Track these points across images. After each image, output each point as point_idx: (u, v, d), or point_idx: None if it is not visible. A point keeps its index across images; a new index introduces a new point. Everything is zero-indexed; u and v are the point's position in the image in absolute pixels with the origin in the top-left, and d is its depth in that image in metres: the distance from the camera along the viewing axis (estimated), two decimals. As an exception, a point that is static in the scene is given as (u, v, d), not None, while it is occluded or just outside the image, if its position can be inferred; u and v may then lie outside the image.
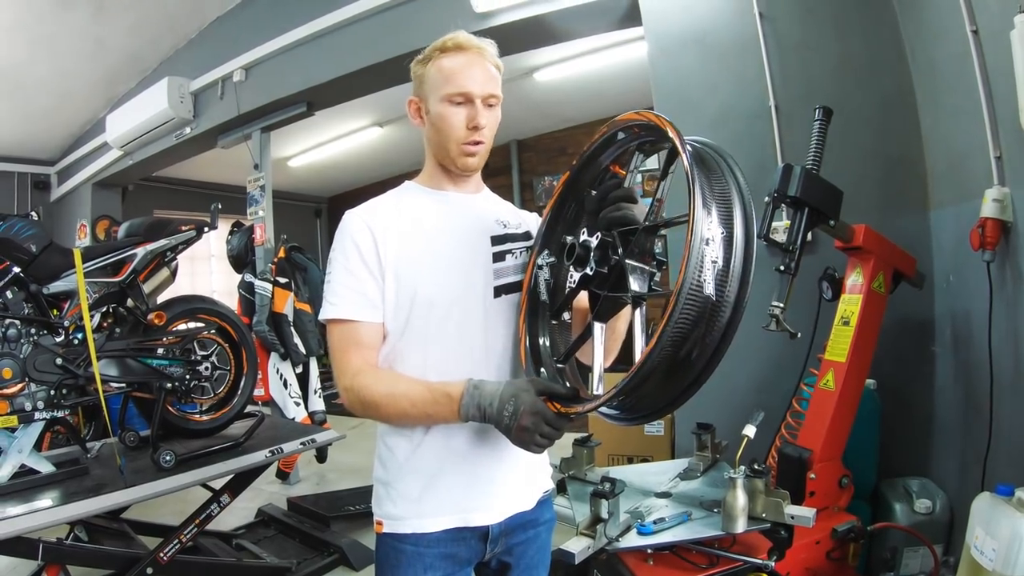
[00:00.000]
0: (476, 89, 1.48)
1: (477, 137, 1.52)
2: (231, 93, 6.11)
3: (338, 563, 3.90)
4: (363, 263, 1.45)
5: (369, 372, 1.43)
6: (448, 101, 1.48)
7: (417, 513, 1.47)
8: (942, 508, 2.77)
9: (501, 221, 1.62)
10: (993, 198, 2.38)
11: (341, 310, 1.44)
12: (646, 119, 1.33)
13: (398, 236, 1.47)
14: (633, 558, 2.13)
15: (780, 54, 3.37)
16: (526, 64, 6.61)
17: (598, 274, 1.33)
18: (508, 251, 1.58)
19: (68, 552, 2.89)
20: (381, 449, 1.54)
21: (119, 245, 3.09)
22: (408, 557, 1.47)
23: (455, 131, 1.50)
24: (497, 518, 1.52)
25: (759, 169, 3.16)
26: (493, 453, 1.50)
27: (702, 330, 1.15)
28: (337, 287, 1.46)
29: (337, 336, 1.46)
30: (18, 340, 2.69)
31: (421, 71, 1.53)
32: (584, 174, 1.56)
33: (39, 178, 8.49)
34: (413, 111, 1.58)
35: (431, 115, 1.52)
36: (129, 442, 3.30)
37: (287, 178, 9.80)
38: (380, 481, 1.54)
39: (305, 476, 6.03)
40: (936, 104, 2.98)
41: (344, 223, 1.50)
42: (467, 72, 1.48)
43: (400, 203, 1.56)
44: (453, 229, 1.54)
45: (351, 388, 1.42)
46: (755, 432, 2.12)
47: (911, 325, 3.03)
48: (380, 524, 1.52)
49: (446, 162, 1.55)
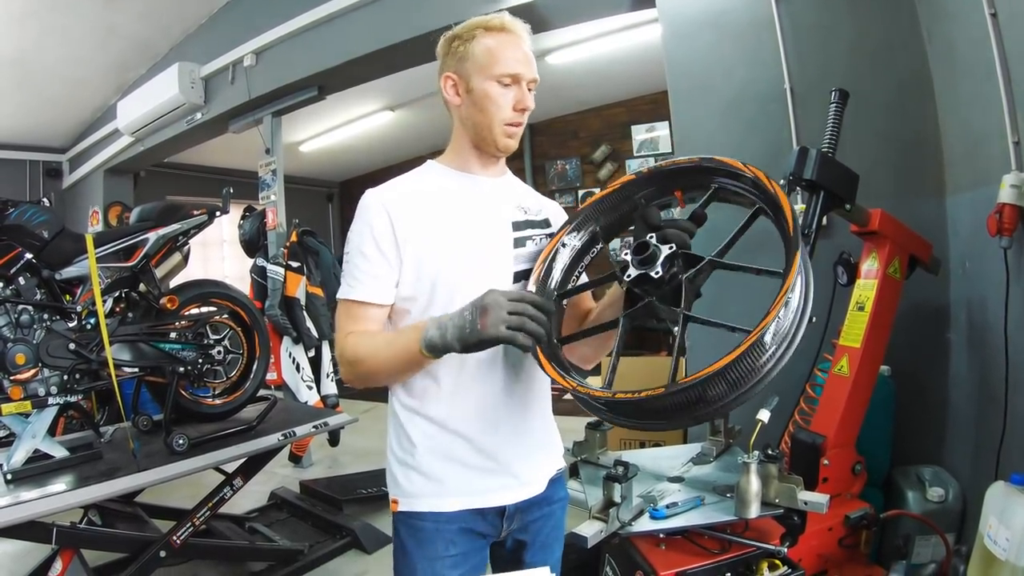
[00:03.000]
0: (525, 72, 1.49)
1: (522, 119, 1.53)
2: (242, 78, 6.10)
3: (350, 546, 3.93)
4: (377, 247, 1.45)
5: (356, 332, 1.46)
6: (497, 81, 1.47)
7: (435, 492, 1.48)
8: (955, 497, 2.75)
9: (523, 207, 1.63)
10: (1011, 184, 2.34)
11: (356, 291, 1.46)
12: (757, 178, 1.37)
13: (418, 218, 1.47)
14: (645, 542, 2.12)
15: (795, 36, 3.33)
16: (538, 47, 6.41)
17: (658, 280, 1.34)
18: (528, 237, 1.59)
19: (82, 536, 2.92)
20: (395, 428, 1.55)
21: (131, 230, 3.10)
22: (428, 534, 1.48)
23: (502, 111, 1.49)
24: (514, 499, 1.53)
25: (774, 152, 3.15)
26: (510, 434, 1.51)
27: (742, 385, 1.19)
28: (352, 268, 1.47)
29: (346, 315, 1.49)
30: (31, 326, 2.70)
31: (463, 48, 1.50)
32: (651, 185, 1.58)
33: (51, 166, 8.53)
34: (450, 88, 1.55)
35: (474, 93, 1.50)
36: (142, 426, 3.32)
37: (299, 163, 9.78)
38: (396, 460, 1.54)
39: (317, 459, 6.08)
40: (953, 88, 2.93)
41: (363, 203, 1.51)
42: (516, 54, 1.49)
43: (423, 183, 1.55)
44: (477, 212, 1.54)
45: (342, 354, 1.46)
46: (769, 417, 2.11)
47: (926, 311, 3.00)
48: (396, 502, 1.53)
49: (484, 143, 1.54)
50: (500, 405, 1.50)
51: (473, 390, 1.49)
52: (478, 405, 1.49)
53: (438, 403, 1.48)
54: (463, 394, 1.48)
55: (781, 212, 1.30)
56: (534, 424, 1.59)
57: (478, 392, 1.49)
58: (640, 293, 1.36)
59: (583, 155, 9.13)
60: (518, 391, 1.53)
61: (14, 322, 2.66)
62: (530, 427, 1.57)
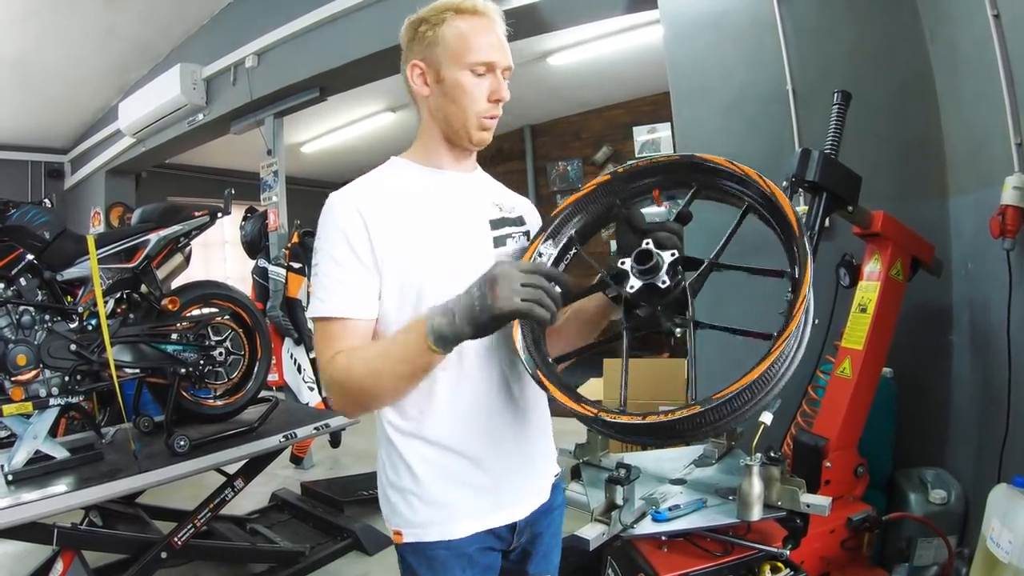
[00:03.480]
0: (500, 59, 1.38)
1: (497, 111, 1.42)
2: (243, 79, 6.11)
3: (351, 547, 3.93)
4: (353, 254, 1.32)
5: (342, 352, 1.29)
6: (470, 70, 1.36)
7: (445, 519, 1.37)
8: (957, 499, 2.74)
9: (497, 204, 1.53)
10: (1014, 185, 2.34)
11: (331, 307, 1.32)
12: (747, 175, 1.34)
13: (393, 222, 1.34)
14: (647, 545, 2.12)
15: (797, 37, 3.33)
16: (540, 48, 6.58)
17: (665, 290, 1.28)
18: (508, 235, 1.49)
19: (83, 537, 2.92)
20: (389, 453, 1.42)
21: (133, 231, 3.10)
22: (442, 562, 1.37)
23: (477, 103, 1.38)
24: (526, 511, 1.47)
25: (776, 153, 3.14)
26: (513, 445, 1.44)
27: (761, 392, 1.18)
28: (326, 280, 1.33)
29: (326, 335, 1.33)
30: (32, 327, 2.70)
31: (432, 33, 1.38)
32: (626, 184, 1.52)
33: (52, 166, 8.56)
34: (417, 77, 1.42)
35: (446, 83, 1.38)
36: (143, 427, 3.33)
37: (300, 164, 9.79)
38: (392, 487, 1.41)
39: (319, 461, 6.07)
40: (956, 89, 2.93)
41: (330, 208, 1.37)
42: (491, 39, 1.38)
43: (392, 183, 1.44)
44: (454, 213, 1.43)
45: (331, 382, 1.30)
46: (771, 419, 2.10)
47: (928, 313, 3.00)
48: (399, 534, 1.40)
49: (457, 136, 1.43)
50: (498, 415, 1.41)
51: (471, 403, 1.38)
52: (478, 419, 1.38)
53: (435, 422, 1.36)
54: (461, 409, 1.37)
55: (778, 210, 1.27)
56: (533, 430, 1.51)
57: (476, 404, 1.39)
58: (643, 304, 1.31)
59: (585, 156, 9.16)
60: (514, 398, 1.44)
61: (15, 323, 2.66)
62: (530, 434, 1.50)
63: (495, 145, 8.17)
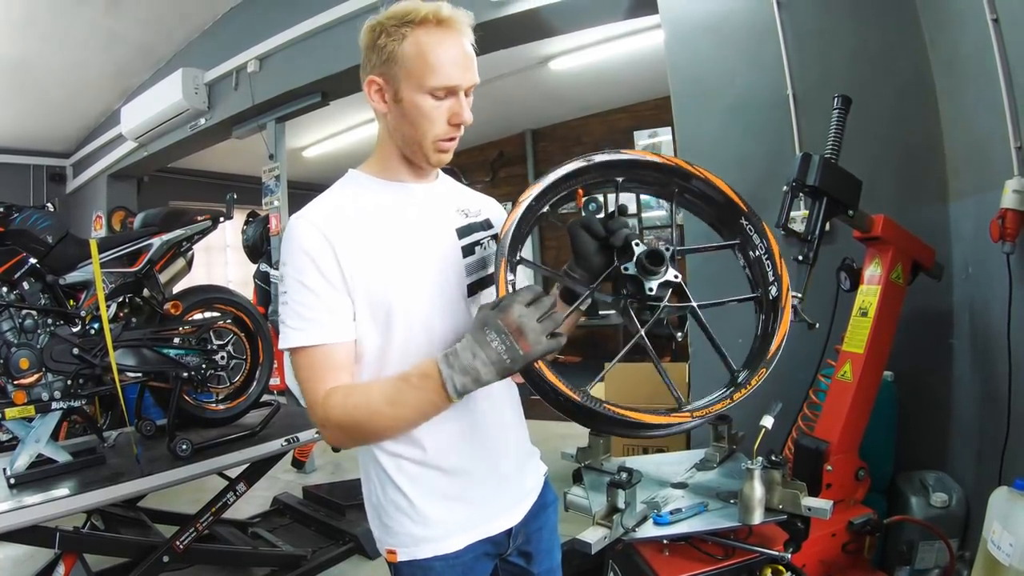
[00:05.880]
0: (463, 80, 1.30)
1: (457, 133, 1.35)
2: (245, 84, 6.12)
3: (353, 551, 3.91)
4: (323, 277, 1.26)
5: (336, 391, 1.24)
6: (430, 94, 1.28)
7: (439, 536, 1.36)
8: (958, 502, 2.74)
9: (462, 210, 1.47)
10: (1013, 189, 2.34)
11: (308, 335, 1.25)
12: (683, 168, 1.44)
13: (359, 242, 1.29)
14: (649, 549, 2.12)
15: (798, 42, 3.33)
16: (541, 53, 6.58)
17: (677, 284, 1.32)
18: (476, 243, 1.44)
19: (85, 540, 2.93)
20: (376, 473, 1.39)
21: (135, 235, 3.11)
22: (439, 574, 1.36)
23: (436, 127, 1.31)
24: (519, 515, 1.48)
25: (777, 158, 3.14)
26: (498, 450, 1.44)
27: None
28: (298, 308, 1.26)
29: (306, 365, 1.27)
30: (35, 331, 2.71)
31: (392, 47, 1.28)
32: (552, 194, 1.44)
33: (55, 170, 8.57)
34: (374, 93, 1.34)
35: (403, 104, 1.30)
36: (146, 431, 3.33)
37: (302, 168, 9.79)
38: (383, 508, 1.39)
39: (321, 465, 6.07)
40: (956, 93, 2.93)
41: (292, 232, 1.29)
42: (454, 59, 1.28)
43: (354, 201, 1.36)
44: (419, 227, 1.38)
45: (326, 421, 1.24)
46: (772, 423, 2.10)
47: (929, 316, 3.00)
48: (393, 553, 1.38)
49: (414, 156, 1.37)
50: (482, 426, 1.40)
51: (456, 418, 1.32)
52: (462, 429, 1.37)
53: (423, 442, 1.34)
54: (448, 426, 1.33)
55: (719, 192, 1.41)
56: (514, 433, 1.51)
57: (460, 419, 1.35)
58: (655, 303, 1.30)
59: (586, 160, 9.12)
60: (492, 400, 1.41)
61: (18, 327, 2.67)
62: (513, 436, 1.50)
63: (496, 149, 8.19)
